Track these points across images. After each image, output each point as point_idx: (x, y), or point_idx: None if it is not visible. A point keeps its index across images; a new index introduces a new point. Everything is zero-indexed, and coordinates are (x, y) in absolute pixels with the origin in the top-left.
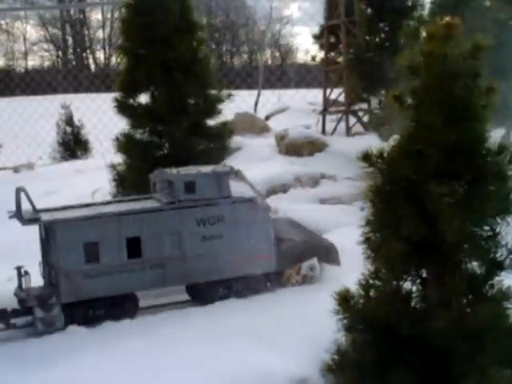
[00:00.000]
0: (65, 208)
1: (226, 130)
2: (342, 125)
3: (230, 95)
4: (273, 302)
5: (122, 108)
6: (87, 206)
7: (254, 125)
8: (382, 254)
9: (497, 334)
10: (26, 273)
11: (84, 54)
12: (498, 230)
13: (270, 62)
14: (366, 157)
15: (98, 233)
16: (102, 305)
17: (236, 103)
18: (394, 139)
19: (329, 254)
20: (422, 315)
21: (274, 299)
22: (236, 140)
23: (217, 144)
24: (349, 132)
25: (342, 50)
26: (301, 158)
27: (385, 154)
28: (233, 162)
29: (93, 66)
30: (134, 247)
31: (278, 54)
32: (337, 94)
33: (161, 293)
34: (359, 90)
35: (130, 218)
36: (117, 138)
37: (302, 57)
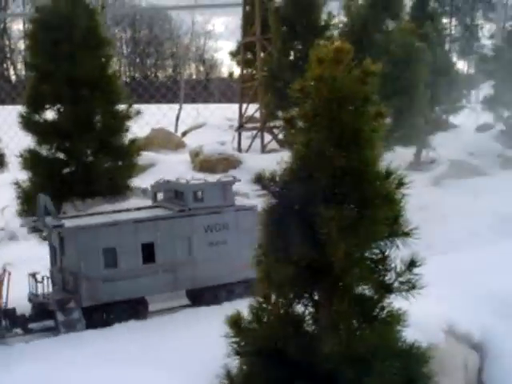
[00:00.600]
0: (80, 216)
1: (135, 148)
2: (258, 141)
3: (138, 112)
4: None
5: (28, 124)
6: (102, 213)
7: (169, 141)
8: (273, 277)
9: (385, 356)
10: (43, 279)
11: (4, 65)
12: (387, 253)
13: (194, 76)
14: (259, 179)
15: (116, 239)
16: (115, 309)
17: (157, 118)
18: (285, 162)
19: None
20: (311, 339)
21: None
22: (150, 156)
23: (125, 162)
24: (264, 149)
25: (258, 67)
26: (214, 175)
27: (277, 177)
28: (146, 178)
29: (13, 78)
30: (148, 253)
31: (202, 69)
32: (253, 110)
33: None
34: (273, 107)
35: (146, 224)
36: (21, 155)
37: (226, 71)
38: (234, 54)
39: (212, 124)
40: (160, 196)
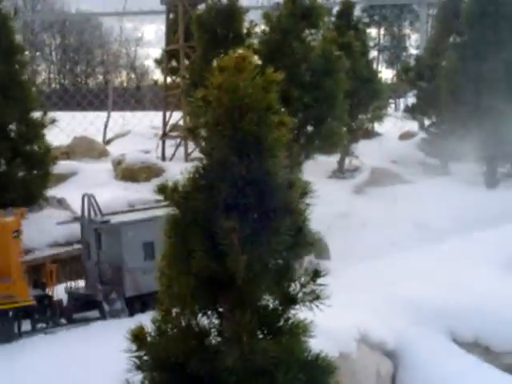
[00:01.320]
0: (116, 213)
1: (50, 157)
2: (183, 150)
3: (54, 120)
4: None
5: None
6: (133, 210)
7: (92, 149)
8: (174, 289)
9: (289, 368)
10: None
11: None
12: (290, 264)
13: (125, 83)
14: (162, 189)
15: (153, 233)
16: (151, 299)
17: (84, 126)
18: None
19: (321, 249)
20: (215, 352)
21: None
22: (72, 165)
23: (40, 171)
24: (187, 157)
25: (181, 74)
26: (137, 184)
27: (180, 187)
28: (67, 187)
29: None
30: None
31: (133, 76)
32: (178, 118)
33: None
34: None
35: None
36: None
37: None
38: (158, 62)
39: (137, 132)
40: None
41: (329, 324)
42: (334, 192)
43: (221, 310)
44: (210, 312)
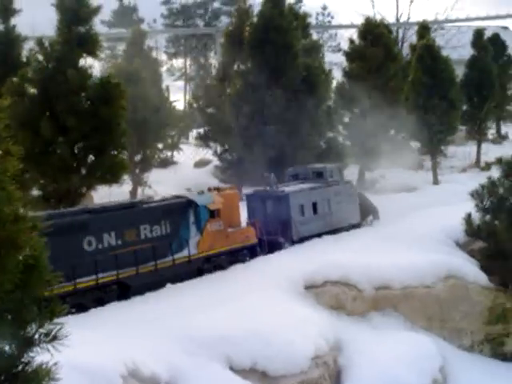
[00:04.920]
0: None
1: None
2: None
3: None
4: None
5: None
6: (288, 185)
7: None
8: None
9: None
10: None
11: None
12: (25, 304)
13: None
14: None
15: (303, 199)
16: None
17: None
18: None
19: (375, 213)
20: None
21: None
22: None
23: None
24: None
25: None
26: None
27: None
28: None
29: None
30: (314, 207)
31: None
32: None
33: None
34: None
35: (313, 191)
36: None
37: None
38: None
39: None
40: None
41: (92, 362)
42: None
43: None
44: None
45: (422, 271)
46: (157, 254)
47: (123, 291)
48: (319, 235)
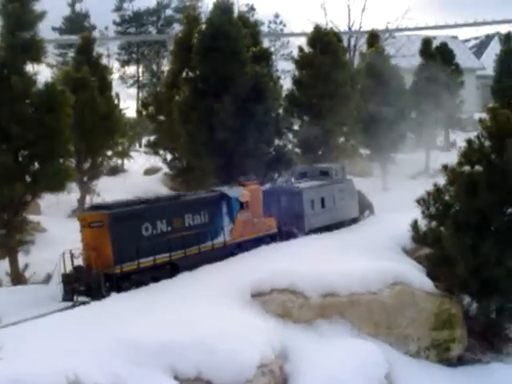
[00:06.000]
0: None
1: None
2: None
3: None
4: None
5: None
6: (300, 182)
7: None
8: None
9: None
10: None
11: None
12: None
13: None
14: None
15: (314, 194)
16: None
17: None
18: None
19: (370, 208)
20: None
21: None
22: None
23: None
24: None
25: None
26: None
27: None
28: None
29: None
30: (322, 202)
31: None
32: None
33: None
34: None
35: (321, 188)
36: None
37: None
38: None
39: None
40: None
41: (30, 374)
42: (70, 231)
43: None
44: None
45: (368, 278)
46: (199, 239)
47: (173, 270)
48: (327, 227)
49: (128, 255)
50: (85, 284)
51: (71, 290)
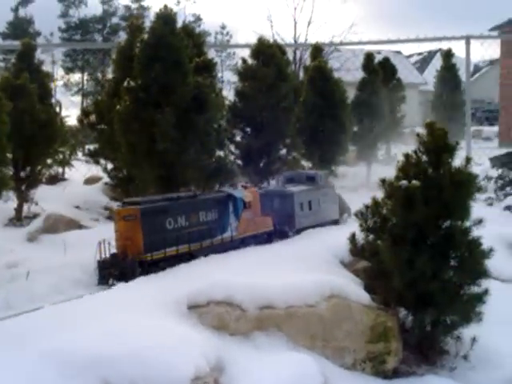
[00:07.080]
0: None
1: None
2: None
3: None
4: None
5: None
6: (294, 186)
7: None
8: None
9: None
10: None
11: None
12: None
13: None
14: None
15: (303, 197)
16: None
17: None
18: None
19: (348, 211)
20: None
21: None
22: None
23: None
24: None
25: None
26: None
27: None
28: None
29: None
30: (309, 205)
31: None
32: None
33: None
34: None
35: (309, 192)
36: None
37: None
38: None
39: None
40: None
41: None
42: (6, 241)
43: None
44: None
45: (305, 290)
46: (211, 233)
47: (190, 259)
48: (312, 227)
49: (155, 245)
50: (120, 269)
51: (107, 275)
